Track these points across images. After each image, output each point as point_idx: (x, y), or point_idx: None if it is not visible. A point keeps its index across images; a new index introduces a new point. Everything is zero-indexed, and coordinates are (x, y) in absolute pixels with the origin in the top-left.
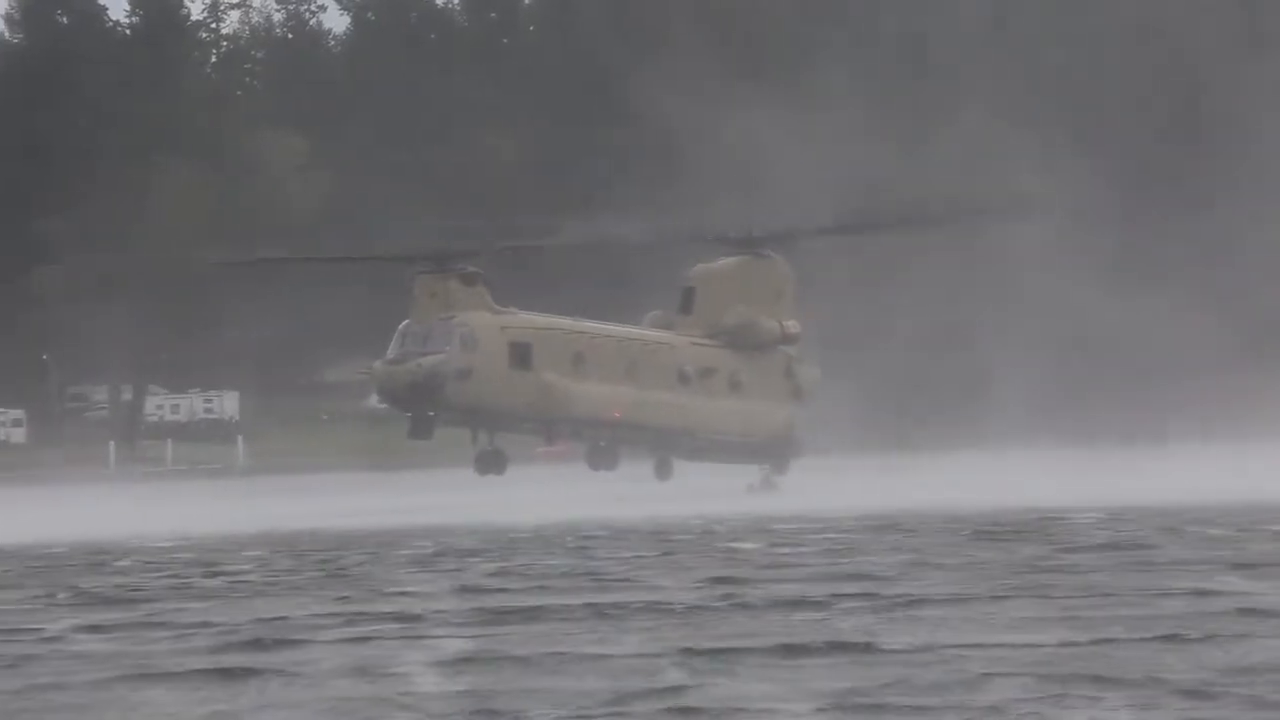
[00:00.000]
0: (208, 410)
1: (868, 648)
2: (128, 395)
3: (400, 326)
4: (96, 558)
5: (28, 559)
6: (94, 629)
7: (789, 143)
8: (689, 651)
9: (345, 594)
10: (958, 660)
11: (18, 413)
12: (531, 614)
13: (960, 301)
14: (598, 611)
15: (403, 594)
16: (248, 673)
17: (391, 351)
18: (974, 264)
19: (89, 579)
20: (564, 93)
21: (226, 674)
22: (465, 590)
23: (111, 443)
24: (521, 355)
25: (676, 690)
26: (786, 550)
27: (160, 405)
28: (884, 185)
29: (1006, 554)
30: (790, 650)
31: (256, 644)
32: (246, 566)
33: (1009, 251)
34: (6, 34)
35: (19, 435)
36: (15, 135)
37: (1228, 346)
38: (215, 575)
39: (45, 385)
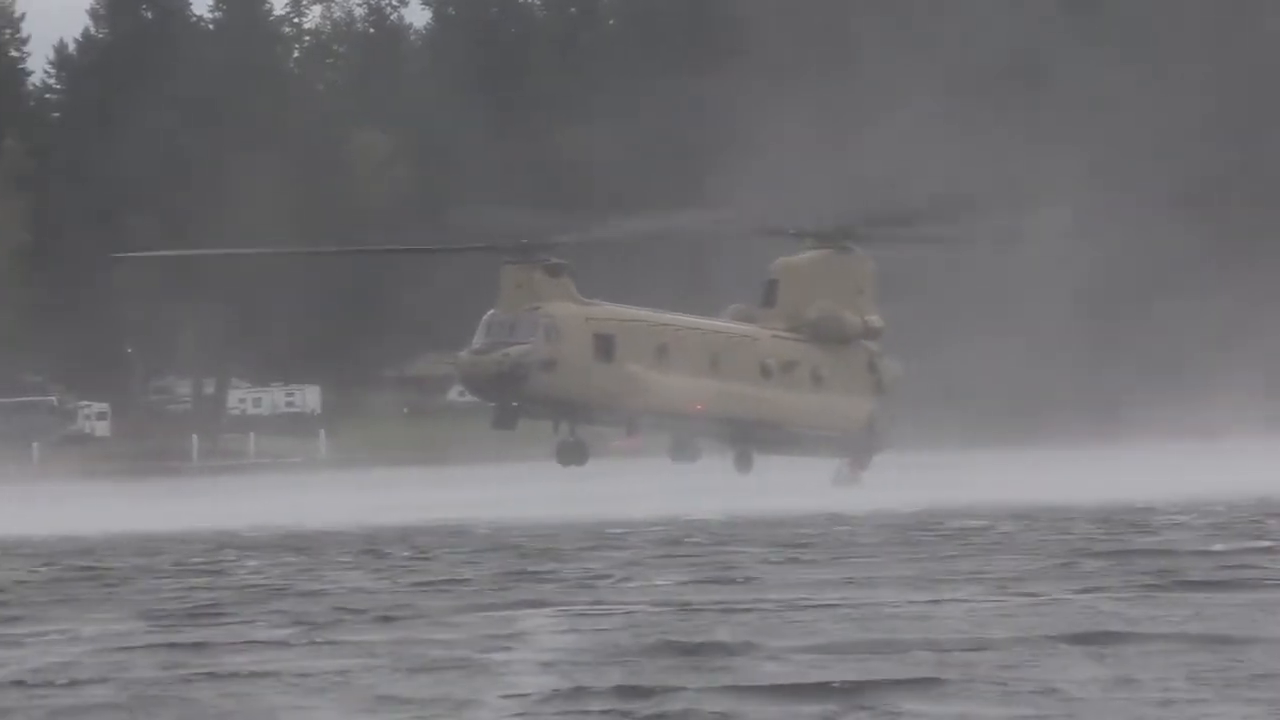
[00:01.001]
0: (289, 404)
1: None
2: (210, 389)
3: (485, 317)
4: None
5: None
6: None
7: (865, 140)
8: None
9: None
10: None
11: (102, 406)
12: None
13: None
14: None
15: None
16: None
17: (477, 342)
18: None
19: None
20: (643, 87)
21: None
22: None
23: (195, 436)
24: (605, 347)
25: None
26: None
27: (242, 399)
28: (953, 188)
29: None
30: None
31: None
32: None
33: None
34: (92, 28)
35: (103, 428)
36: (99, 129)
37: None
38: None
39: (129, 378)
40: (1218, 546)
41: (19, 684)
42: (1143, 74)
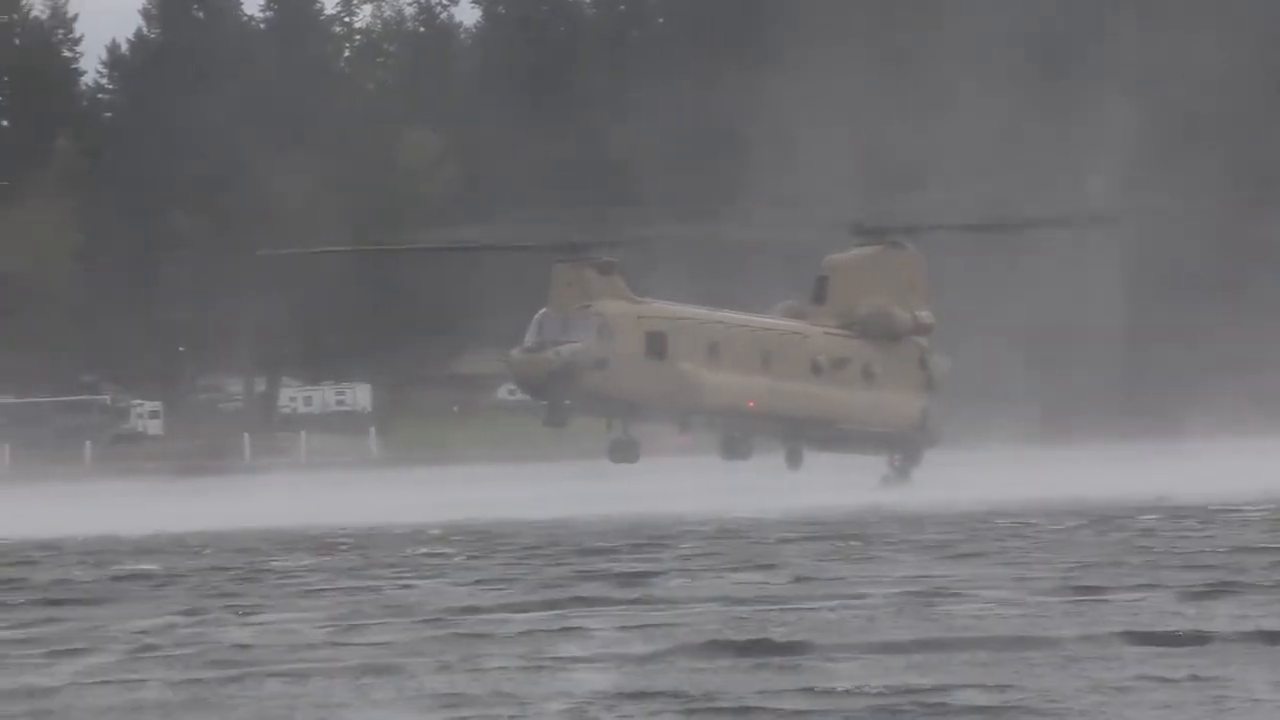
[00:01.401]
0: (340, 402)
1: None
2: (261, 387)
3: (537, 315)
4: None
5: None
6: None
7: (918, 137)
8: None
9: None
10: None
11: (154, 404)
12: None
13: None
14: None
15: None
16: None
17: (529, 340)
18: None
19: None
20: (692, 84)
21: None
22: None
23: (246, 434)
24: (657, 345)
25: None
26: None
27: (293, 397)
28: (1007, 183)
29: None
30: None
31: None
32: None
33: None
34: (144, 28)
35: (155, 426)
36: (151, 128)
37: None
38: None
39: (181, 377)
40: None
41: (72, 685)
42: (1195, 54)
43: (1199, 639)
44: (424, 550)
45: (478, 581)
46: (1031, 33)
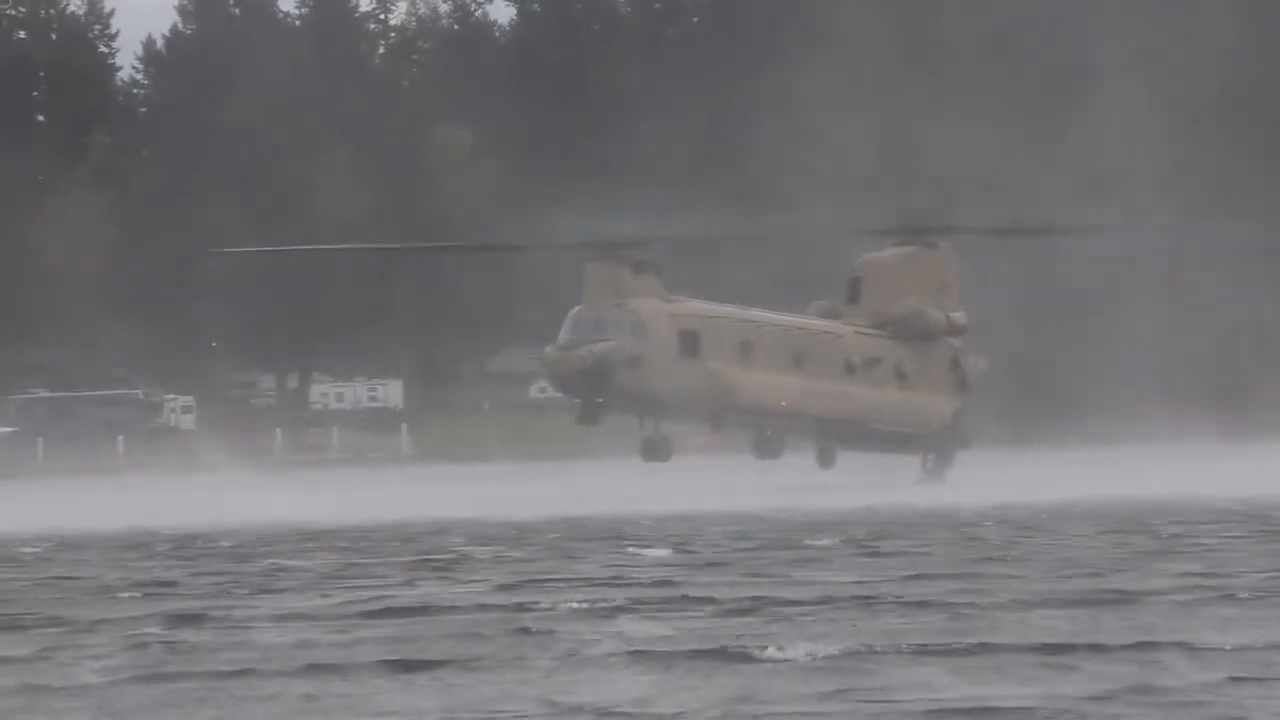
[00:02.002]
0: (372, 398)
1: None
2: (294, 383)
3: (571, 313)
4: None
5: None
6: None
7: (947, 138)
8: None
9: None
10: None
11: (187, 399)
12: None
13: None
14: None
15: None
16: None
17: (562, 337)
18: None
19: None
20: (728, 84)
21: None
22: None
23: (278, 430)
24: (690, 343)
25: None
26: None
27: (325, 393)
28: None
29: None
30: None
31: None
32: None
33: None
34: (180, 24)
35: (188, 421)
36: (186, 124)
37: None
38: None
39: (214, 372)
40: None
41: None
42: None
43: None
44: (444, 547)
45: (516, 580)
46: (1063, 34)
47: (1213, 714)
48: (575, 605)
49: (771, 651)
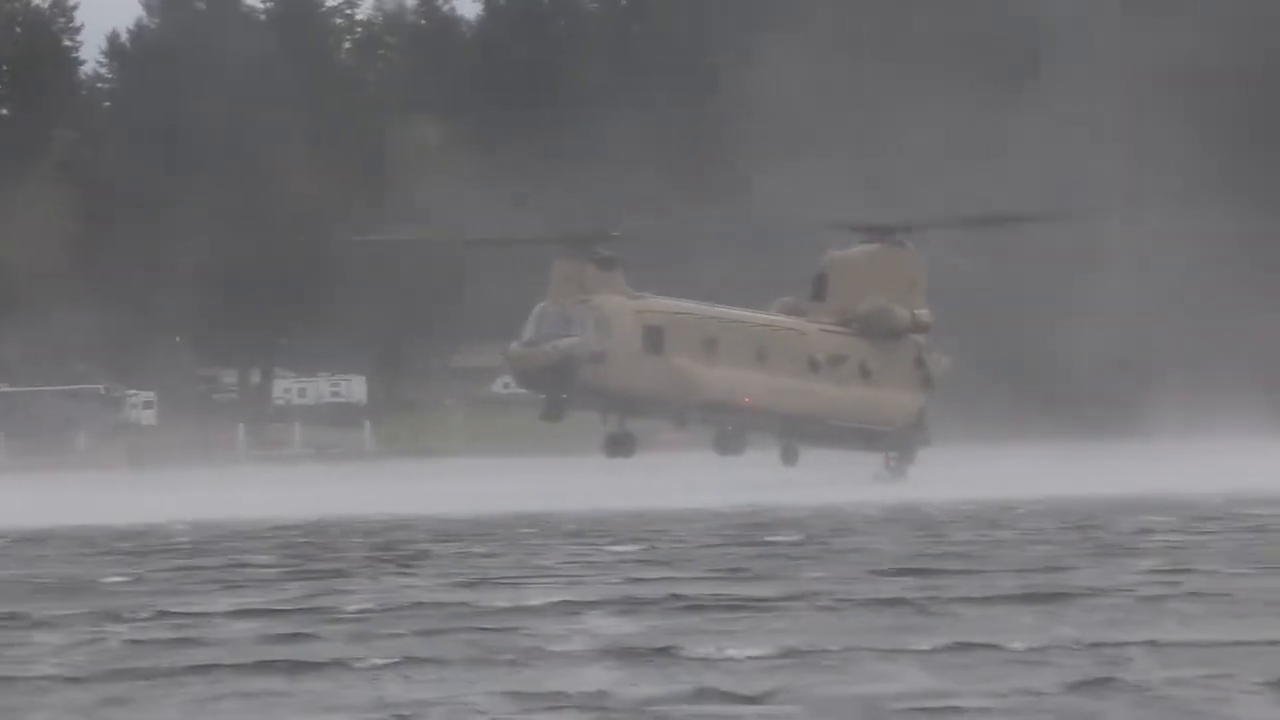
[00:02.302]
0: (335, 394)
1: None
2: (256, 378)
3: (535, 309)
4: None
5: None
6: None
7: (911, 132)
8: None
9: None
10: None
11: (149, 394)
12: None
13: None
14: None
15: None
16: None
17: (526, 334)
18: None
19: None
20: (694, 80)
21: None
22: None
23: (241, 425)
24: (654, 340)
25: None
26: None
27: (288, 389)
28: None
29: None
30: None
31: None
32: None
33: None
34: (145, 18)
35: (150, 417)
36: (151, 119)
37: None
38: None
39: (177, 368)
40: None
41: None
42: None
43: None
44: (399, 546)
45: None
46: (1023, 28)
47: (1175, 710)
48: (537, 602)
49: (732, 650)
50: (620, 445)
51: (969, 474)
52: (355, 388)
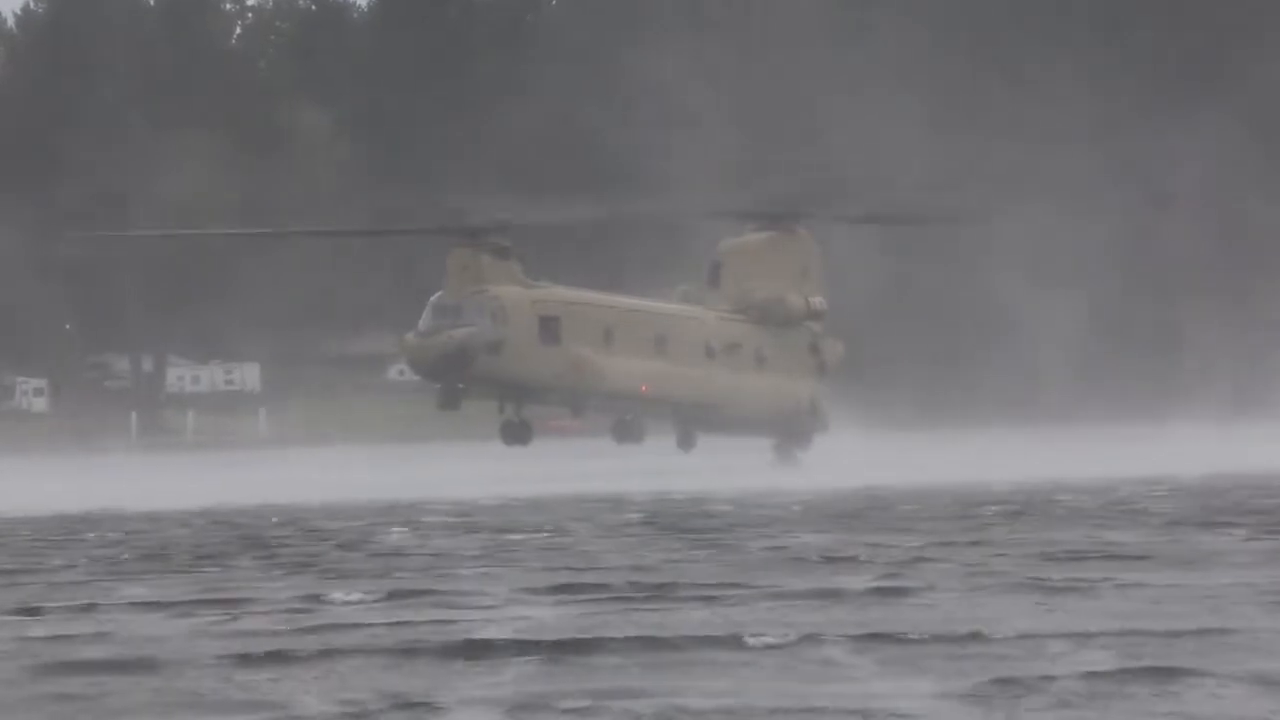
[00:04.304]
0: (228, 382)
1: None
2: (149, 366)
3: (432, 299)
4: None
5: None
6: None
7: (813, 122)
8: None
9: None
10: None
11: (39, 382)
12: None
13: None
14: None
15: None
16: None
17: (423, 324)
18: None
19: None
20: (586, 68)
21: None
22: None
23: (134, 413)
24: (551, 329)
25: None
26: None
27: (181, 376)
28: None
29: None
30: None
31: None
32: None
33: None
34: (32, 3)
35: (40, 404)
36: (39, 104)
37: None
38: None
39: (67, 354)
40: None
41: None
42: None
43: None
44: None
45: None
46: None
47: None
48: (449, 589)
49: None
50: (517, 433)
51: (868, 461)
52: (249, 375)
